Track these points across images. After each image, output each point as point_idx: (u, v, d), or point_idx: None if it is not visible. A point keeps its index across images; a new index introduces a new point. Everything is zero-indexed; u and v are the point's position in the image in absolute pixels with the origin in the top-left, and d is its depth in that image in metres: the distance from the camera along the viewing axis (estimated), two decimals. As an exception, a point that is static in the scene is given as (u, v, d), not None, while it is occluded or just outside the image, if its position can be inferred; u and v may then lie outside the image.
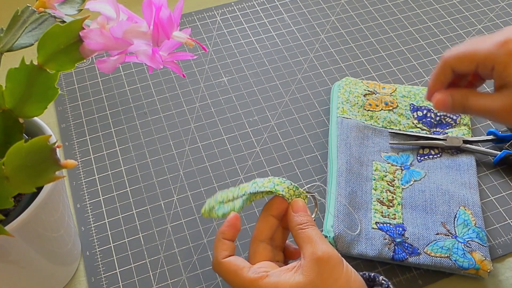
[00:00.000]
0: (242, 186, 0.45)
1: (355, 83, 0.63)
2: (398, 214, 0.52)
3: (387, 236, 0.50)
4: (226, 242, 0.42)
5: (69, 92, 0.66)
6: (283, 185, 0.43)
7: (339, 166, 0.54)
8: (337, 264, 0.38)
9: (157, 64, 0.35)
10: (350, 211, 0.51)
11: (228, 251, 0.42)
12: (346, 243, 0.49)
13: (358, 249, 0.49)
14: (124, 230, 0.53)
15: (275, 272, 0.39)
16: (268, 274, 0.39)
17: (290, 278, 0.38)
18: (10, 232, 0.35)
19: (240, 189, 0.45)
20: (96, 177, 0.57)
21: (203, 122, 0.63)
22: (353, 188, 0.53)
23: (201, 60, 0.69)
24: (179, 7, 0.35)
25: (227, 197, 0.45)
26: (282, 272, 0.39)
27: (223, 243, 0.42)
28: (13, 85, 0.34)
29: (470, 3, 0.77)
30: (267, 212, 0.43)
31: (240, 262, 0.41)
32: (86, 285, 0.50)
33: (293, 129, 0.62)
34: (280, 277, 0.38)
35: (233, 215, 0.43)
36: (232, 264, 0.40)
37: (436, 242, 0.50)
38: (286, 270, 0.39)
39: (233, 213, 0.44)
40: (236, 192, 0.45)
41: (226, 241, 0.43)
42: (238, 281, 0.40)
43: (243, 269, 0.40)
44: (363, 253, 0.49)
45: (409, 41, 0.72)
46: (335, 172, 0.54)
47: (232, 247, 0.43)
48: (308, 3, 0.77)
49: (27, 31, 0.37)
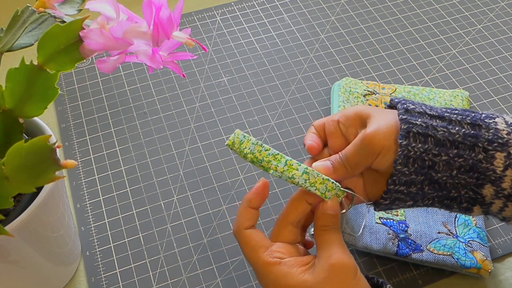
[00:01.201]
0: (290, 162, 0.40)
1: (355, 83, 0.63)
2: (400, 211, 0.53)
3: (391, 231, 0.50)
4: (251, 211, 0.41)
5: (69, 92, 0.66)
6: (332, 192, 0.40)
7: None
8: (349, 274, 0.38)
9: (157, 64, 0.35)
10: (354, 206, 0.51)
11: (252, 220, 0.41)
12: (352, 235, 0.49)
13: (363, 242, 0.49)
14: (124, 230, 0.53)
15: (289, 261, 0.39)
16: (281, 262, 0.38)
17: (300, 274, 0.38)
18: (10, 232, 0.35)
19: (287, 166, 0.40)
20: (96, 177, 0.57)
21: (203, 122, 0.63)
22: None
23: (201, 60, 0.69)
24: (179, 7, 0.35)
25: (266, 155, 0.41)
26: (295, 264, 0.39)
27: (248, 212, 0.41)
28: (13, 85, 0.34)
29: (470, 3, 0.77)
30: (303, 197, 0.41)
31: (260, 238, 0.40)
32: (86, 285, 0.50)
33: (293, 129, 0.62)
34: (291, 268, 0.38)
35: (262, 182, 0.41)
36: (253, 239, 0.40)
37: (439, 240, 0.50)
38: (299, 264, 0.39)
39: (263, 180, 0.42)
40: (281, 164, 0.40)
41: (252, 209, 0.41)
42: (253, 257, 0.40)
43: (261, 248, 0.39)
44: (368, 246, 0.49)
45: (409, 41, 0.72)
46: None
47: (256, 216, 0.42)
48: (308, 3, 0.77)
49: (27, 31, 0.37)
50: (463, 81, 0.67)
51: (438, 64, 0.69)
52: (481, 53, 0.71)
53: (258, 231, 0.41)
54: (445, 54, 0.70)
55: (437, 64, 0.69)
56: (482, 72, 0.68)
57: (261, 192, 0.41)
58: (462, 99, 0.62)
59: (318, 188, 0.40)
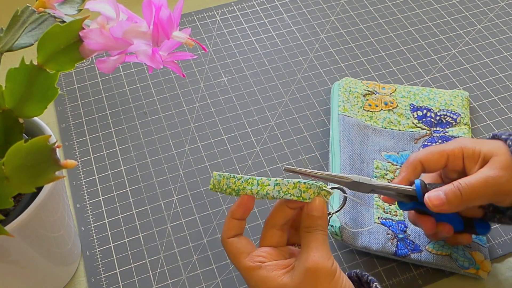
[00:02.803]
0: (260, 181, 0.42)
1: (355, 83, 0.63)
2: (399, 211, 0.53)
3: (390, 231, 0.50)
4: (234, 221, 0.42)
5: (69, 92, 0.66)
6: (309, 191, 0.41)
7: (343, 161, 0.55)
8: (324, 277, 0.38)
9: (157, 64, 0.35)
10: (354, 204, 0.51)
11: (235, 230, 0.42)
12: (351, 234, 0.49)
13: (362, 242, 0.49)
14: (124, 230, 0.53)
15: (269, 265, 0.39)
16: (261, 266, 0.39)
17: (279, 277, 0.39)
18: (10, 232, 0.35)
19: (259, 185, 0.42)
20: (96, 177, 0.57)
21: (203, 122, 0.63)
22: None
23: (201, 60, 0.69)
24: (179, 7, 0.35)
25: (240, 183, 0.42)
26: (275, 268, 0.39)
27: (231, 222, 0.42)
28: (13, 85, 0.34)
29: (470, 3, 0.77)
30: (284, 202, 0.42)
31: (242, 245, 0.41)
32: (86, 285, 0.50)
33: (293, 129, 0.62)
34: (270, 272, 0.39)
35: (247, 196, 0.42)
36: (234, 247, 0.41)
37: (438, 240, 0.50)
38: (279, 267, 0.39)
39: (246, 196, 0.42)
40: (254, 186, 0.42)
41: (235, 220, 0.42)
42: (236, 263, 0.41)
43: (242, 254, 0.41)
44: (367, 245, 0.49)
45: (409, 41, 0.72)
46: (338, 167, 0.54)
47: (240, 226, 0.43)
48: (308, 3, 0.77)
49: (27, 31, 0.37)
50: (463, 81, 0.67)
51: (438, 64, 0.69)
52: (481, 53, 0.71)
53: (242, 239, 0.42)
54: (445, 54, 0.70)
55: (437, 64, 0.69)
56: (482, 72, 0.68)
57: (245, 204, 0.42)
58: (462, 99, 0.62)
59: (292, 193, 0.41)
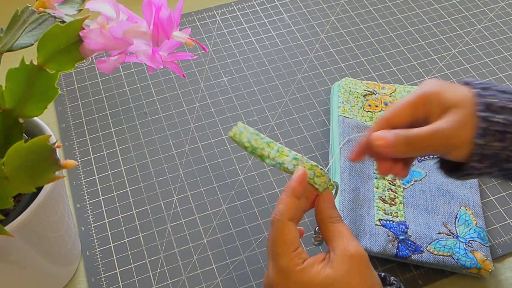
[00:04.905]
0: (281, 148, 0.41)
1: (354, 83, 0.63)
2: (400, 212, 0.53)
3: (391, 233, 0.50)
4: (295, 201, 0.40)
5: (69, 92, 0.66)
6: (322, 178, 0.40)
7: (343, 163, 0.55)
8: (368, 265, 0.38)
9: (157, 64, 0.35)
10: (354, 207, 0.51)
11: (296, 212, 0.40)
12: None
13: (363, 244, 0.49)
14: (124, 230, 0.53)
15: (310, 261, 0.38)
16: (304, 262, 0.38)
17: (321, 270, 0.37)
18: (10, 232, 0.35)
19: (279, 152, 0.41)
20: (96, 177, 0.57)
21: (203, 122, 0.63)
22: (356, 184, 0.53)
23: (201, 60, 0.69)
24: (179, 7, 0.35)
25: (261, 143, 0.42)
26: (314, 262, 0.38)
27: (292, 201, 0.39)
28: (13, 85, 0.34)
29: (470, 3, 0.77)
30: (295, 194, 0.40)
31: (296, 236, 0.39)
32: (86, 285, 0.50)
33: (293, 129, 0.62)
34: (312, 267, 0.37)
35: (302, 170, 0.40)
36: (291, 234, 0.38)
37: (439, 241, 0.50)
38: (318, 261, 0.38)
39: (301, 168, 0.40)
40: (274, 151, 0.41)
41: (295, 199, 0.40)
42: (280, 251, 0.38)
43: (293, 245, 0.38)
44: (367, 248, 0.49)
45: (409, 41, 0.72)
46: (338, 169, 0.54)
47: (299, 208, 0.40)
48: (308, 3, 0.77)
49: (27, 31, 0.37)
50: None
51: (438, 64, 0.69)
52: (481, 53, 0.71)
53: (297, 227, 0.40)
54: (445, 54, 0.70)
55: (437, 64, 0.69)
56: (482, 72, 0.68)
57: (303, 181, 0.40)
58: (462, 99, 0.62)
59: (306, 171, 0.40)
